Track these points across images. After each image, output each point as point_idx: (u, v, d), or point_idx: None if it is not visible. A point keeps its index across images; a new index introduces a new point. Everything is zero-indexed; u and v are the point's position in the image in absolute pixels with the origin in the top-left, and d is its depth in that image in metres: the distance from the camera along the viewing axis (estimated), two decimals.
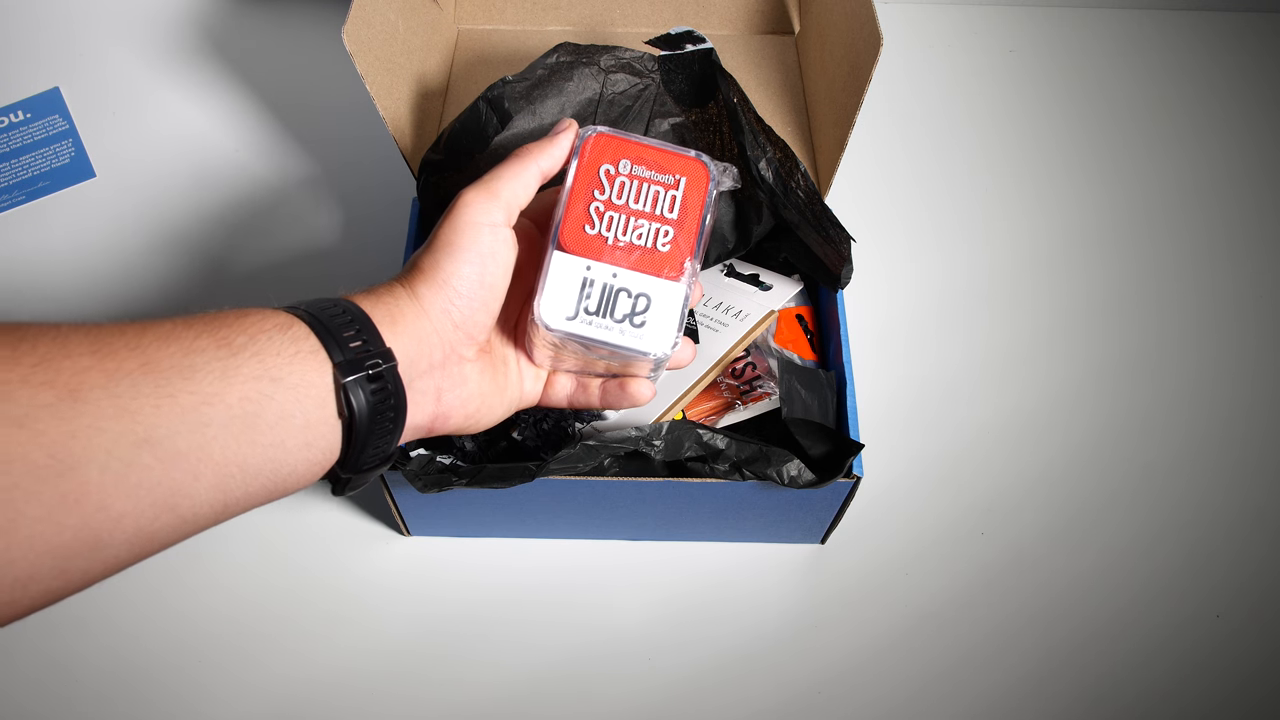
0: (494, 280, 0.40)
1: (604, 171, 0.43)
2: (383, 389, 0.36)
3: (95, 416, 0.29)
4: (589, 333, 0.42)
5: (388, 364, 0.36)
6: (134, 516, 0.30)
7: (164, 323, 0.32)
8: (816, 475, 0.50)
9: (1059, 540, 0.61)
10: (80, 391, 0.29)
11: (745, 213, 0.59)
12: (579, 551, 0.59)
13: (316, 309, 0.36)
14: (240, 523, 0.60)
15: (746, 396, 0.57)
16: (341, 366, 0.35)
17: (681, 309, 0.42)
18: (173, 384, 0.30)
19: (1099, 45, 0.85)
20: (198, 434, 0.31)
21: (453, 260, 0.39)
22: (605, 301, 0.42)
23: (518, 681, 0.55)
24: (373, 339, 0.36)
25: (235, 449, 0.32)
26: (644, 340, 0.42)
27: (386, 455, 0.38)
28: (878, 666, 0.56)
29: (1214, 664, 0.57)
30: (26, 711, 0.54)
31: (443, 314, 0.39)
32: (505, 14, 0.72)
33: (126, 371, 0.30)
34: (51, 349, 0.29)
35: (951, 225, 0.74)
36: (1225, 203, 0.76)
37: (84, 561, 0.30)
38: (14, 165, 0.74)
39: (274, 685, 0.55)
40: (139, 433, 0.29)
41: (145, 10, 0.84)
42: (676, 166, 0.43)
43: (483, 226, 0.40)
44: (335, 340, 0.35)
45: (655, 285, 0.42)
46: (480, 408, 0.43)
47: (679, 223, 0.43)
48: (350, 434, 0.35)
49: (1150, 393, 0.67)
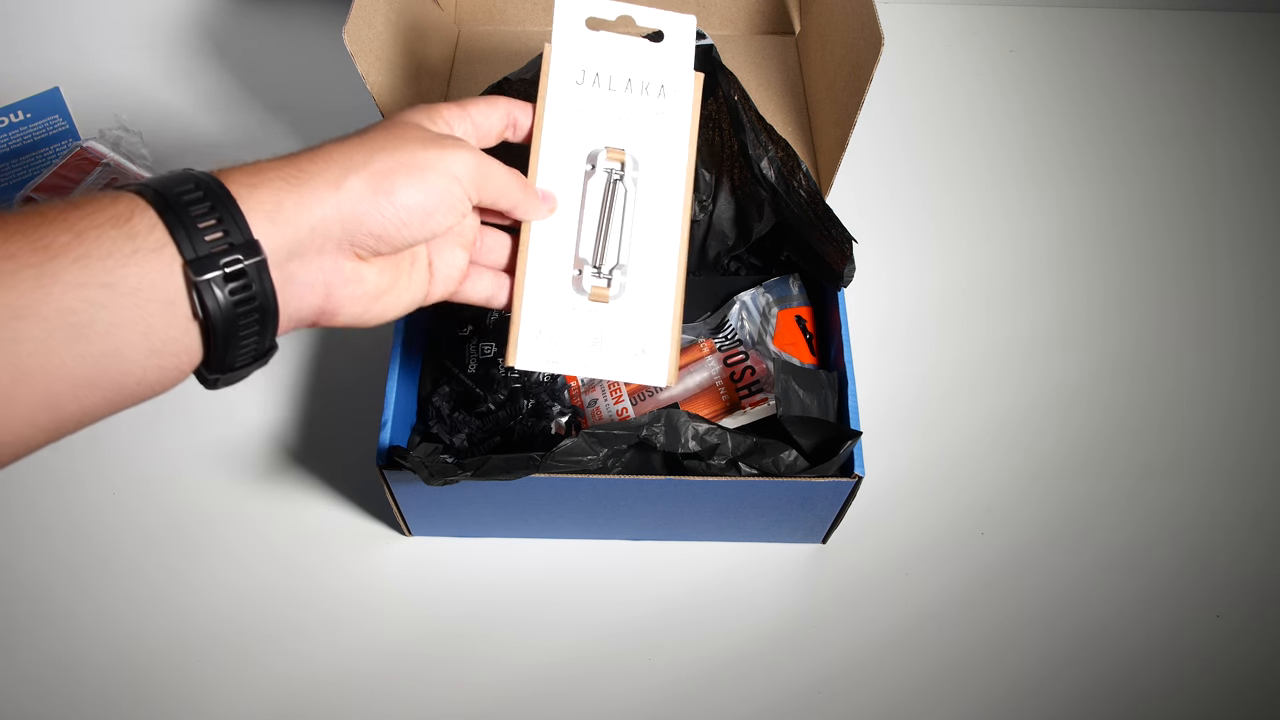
0: (434, 226, 0.38)
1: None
2: (245, 288, 0.31)
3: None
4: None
5: (251, 259, 0.31)
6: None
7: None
8: (813, 463, 0.51)
9: (1058, 540, 0.61)
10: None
11: (746, 211, 0.59)
12: (579, 551, 0.59)
13: (169, 189, 0.31)
14: (241, 522, 0.60)
15: (746, 400, 0.57)
16: (193, 264, 0.30)
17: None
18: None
19: (1099, 45, 0.85)
20: (5, 353, 0.27)
21: (410, 182, 0.36)
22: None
23: (518, 681, 0.55)
24: (235, 228, 0.31)
25: (59, 365, 0.28)
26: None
27: (261, 352, 0.34)
28: (878, 666, 0.56)
29: (1214, 664, 0.57)
30: (27, 711, 0.54)
31: (363, 215, 0.35)
32: (505, 14, 0.72)
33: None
34: None
35: (952, 225, 0.74)
36: (1225, 202, 0.76)
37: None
38: (14, 165, 0.74)
39: (275, 685, 0.55)
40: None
41: (145, 10, 0.84)
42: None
43: (457, 185, 0.38)
44: (187, 231, 0.30)
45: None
46: (373, 306, 0.39)
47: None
48: (209, 337, 0.32)
49: (1150, 392, 0.67)
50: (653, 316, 0.46)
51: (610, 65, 0.47)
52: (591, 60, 0.47)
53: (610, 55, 0.47)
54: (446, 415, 0.57)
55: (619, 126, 0.47)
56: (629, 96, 0.47)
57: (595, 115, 0.46)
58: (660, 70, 0.47)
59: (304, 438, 0.63)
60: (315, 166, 0.35)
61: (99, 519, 0.60)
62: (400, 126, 0.38)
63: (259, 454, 0.63)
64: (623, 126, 0.47)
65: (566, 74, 0.46)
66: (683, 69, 0.47)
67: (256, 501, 0.61)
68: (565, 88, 0.46)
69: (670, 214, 0.47)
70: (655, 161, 0.47)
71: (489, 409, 0.57)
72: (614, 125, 0.47)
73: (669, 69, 0.47)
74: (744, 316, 0.60)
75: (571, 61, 0.47)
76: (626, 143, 0.46)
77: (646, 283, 0.46)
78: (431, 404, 0.58)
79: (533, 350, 0.45)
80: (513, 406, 0.57)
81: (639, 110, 0.47)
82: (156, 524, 0.60)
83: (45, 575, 0.58)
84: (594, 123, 0.46)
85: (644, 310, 0.46)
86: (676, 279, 0.46)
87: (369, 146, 0.36)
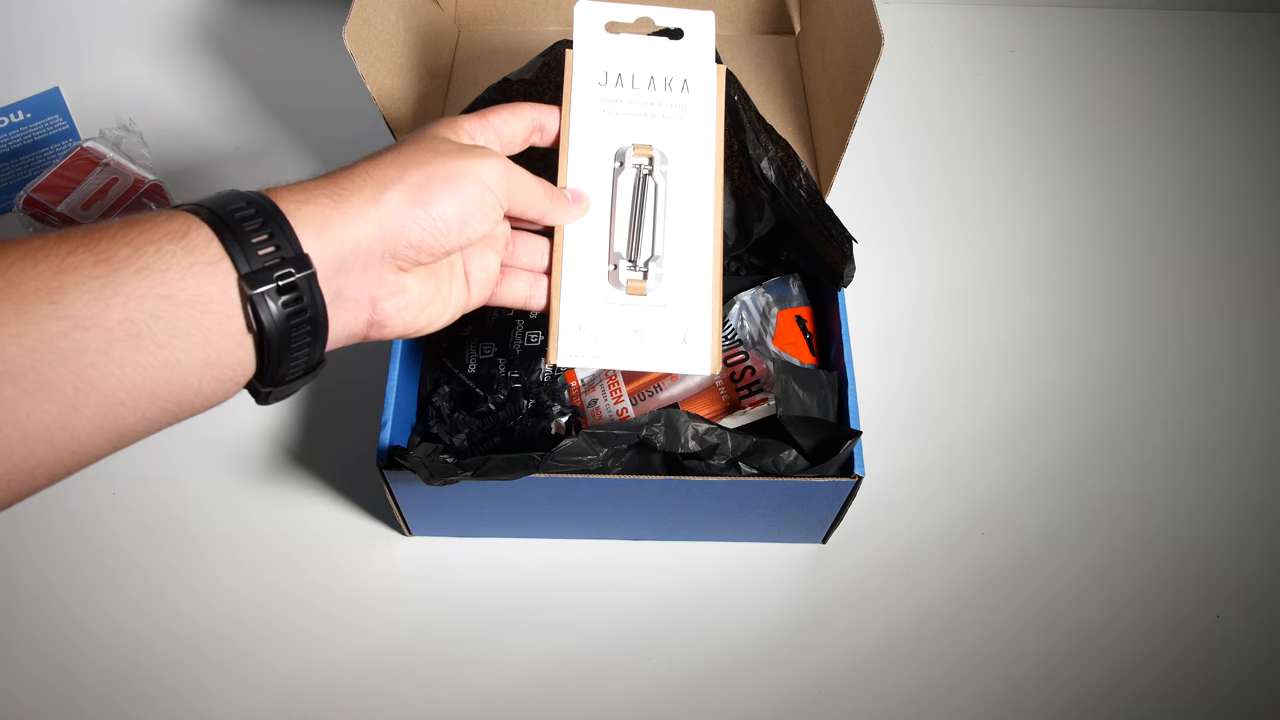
0: (470, 233, 0.39)
1: None
2: (297, 300, 0.33)
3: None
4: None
5: (302, 272, 0.33)
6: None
7: (35, 239, 0.29)
8: (813, 463, 0.51)
9: (1058, 540, 0.61)
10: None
11: (746, 211, 0.59)
12: (579, 551, 0.59)
13: (222, 207, 0.32)
14: (241, 522, 0.60)
15: (746, 400, 0.57)
16: (248, 278, 0.31)
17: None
18: (38, 309, 0.28)
19: (1099, 45, 0.86)
20: (70, 363, 0.28)
21: (446, 193, 0.38)
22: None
23: (518, 681, 0.55)
24: (287, 243, 0.33)
25: (121, 375, 0.29)
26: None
27: (312, 365, 0.36)
28: (877, 666, 0.56)
29: (1213, 663, 0.57)
30: (27, 710, 0.54)
31: (402, 228, 0.37)
32: (505, 14, 0.72)
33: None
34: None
35: (951, 225, 0.74)
36: (1225, 202, 0.76)
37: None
38: (14, 165, 0.74)
39: (275, 685, 0.55)
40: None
41: (145, 10, 0.84)
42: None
43: (489, 193, 0.39)
44: (241, 246, 0.32)
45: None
46: (420, 315, 0.40)
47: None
48: (263, 348, 0.33)
49: (1150, 392, 0.67)
50: (692, 306, 0.46)
51: (632, 65, 0.47)
52: (613, 61, 0.47)
53: (631, 55, 0.48)
54: (446, 415, 0.57)
55: (644, 124, 0.47)
56: (652, 94, 0.47)
57: (620, 114, 0.47)
58: (682, 66, 0.48)
59: (304, 438, 0.63)
60: (355, 184, 0.36)
61: (99, 518, 0.60)
62: (428, 140, 0.39)
63: (259, 454, 0.63)
64: (648, 123, 0.47)
65: (589, 76, 0.47)
66: (704, 63, 0.48)
67: (256, 501, 0.61)
68: (589, 89, 0.47)
69: (702, 205, 0.47)
70: (683, 155, 0.47)
71: (489, 409, 0.57)
72: (639, 123, 0.47)
73: (691, 64, 0.48)
74: (744, 316, 0.60)
75: (593, 64, 0.47)
76: (653, 138, 0.47)
77: (683, 273, 0.46)
78: (431, 404, 0.58)
79: (574, 346, 0.45)
80: (513, 406, 0.57)
81: (663, 106, 0.47)
82: (156, 524, 0.60)
83: (45, 575, 0.58)
84: (620, 121, 0.47)
85: (683, 300, 0.46)
86: (713, 268, 0.47)
87: (401, 161, 0.38)
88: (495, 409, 0.57)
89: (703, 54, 0.48)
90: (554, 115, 0.46)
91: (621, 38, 0.48)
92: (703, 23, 0.48)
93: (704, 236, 0.47)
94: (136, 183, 0.63)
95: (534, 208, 0.43)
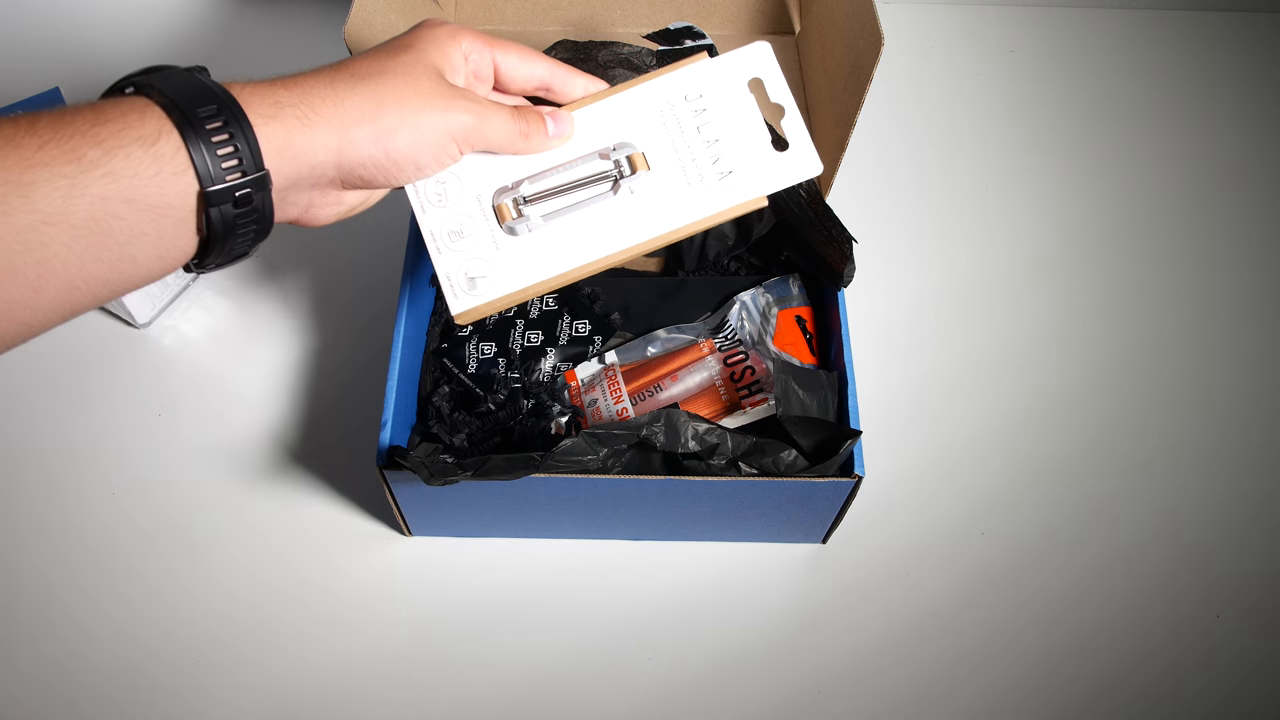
0: (422, 174, 0.41)
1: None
2: (250, 211, 0.34)
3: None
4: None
5: (260, 191, 0.34)
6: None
7: (5, 127, 0.30)
8: (813, 463, 0.51)
9: (1058, 539, 0.61)
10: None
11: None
12: (579, 551, 0.59)
13: (192, 107, 0.33)
14: (240, 523, 0.60)
15: (746, 400, 0.57)
16: (209, 194, 0.33)
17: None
18: (8, 200, 0.29)
19: (1099, 45, 0.86)
20: (35, 252, 0.30)
21: (411, 141, 0.38)
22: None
23: (518, 681, 0.55)
24: (249, 156, 0.34)
25: (79, 264, 0.31)
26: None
27: (238, 256, 0.37)
28: (877, 666, 0.56)
29: (1213, 663, 0.57)
30: (27, 711, 0.54)
31: (360, 162, 0.38)
32: (505, 14, 0.72)
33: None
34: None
35: (951, 225, 0.74)
36: (1225, 202, 0.76)
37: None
38: None
39: (274, 686, 0.55)
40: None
41: (145, 10, 0.84)
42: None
43: (451, 144, 0.40)
44: (205, 156, 0.33)
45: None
46: (347, 214, 0.42)
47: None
48: (209, 244, 0.35)
49: (1149, 391, 0.67)
50: (507, 273, 0.45)
51: (717, 121, 0.45)
52: (715, 100, 0.46)
53: (729, 115, 0.46)
54: (446, 415, 0.57)
55: (669, 155, 0.45)
56: (701, 148, 0.45)
57: (665, 129, 0.45)
58: (741, 164, 0.45)
59: (304, 438, 0.63)
60: (326, 109, 0.36)
61: (98, 519, 0.60)
62: (414, 75, 0.39)
63: (259, 454, 0.63)
64: (670, 158, 0.45)
65: (688, 85, 0.45)
66: (761, 180, 0.45)
67: (256, 502, 0.61)
68: (675, 89, 0.46)
69: (607, 241, 0.45)
70: (653, 207, 0.45)
71: (489, 409, 0.57)
72: (667, 151, 0.45)
73: (747, 172, 0.45)
74: (744, 316, 0.60)
75: (704, 84, 0.45)
76: (657, 168, 0.45)
77: (532, 251, 0.45)
78: (431, 404, 0.58)
79: (463, 302, 0.45)
80: (513, 406, 0.57)
81: (698, 164, 0.45)
82: (156, 524, 0.60)
83: (45, 576, 0.58)
84: (658, 133, 0.45)
85: (510, 261, 0.45)
86: (549, 280, 0.45)
87: (379, 97, 0.38)
88: (495, 409, 0.57)
89: (769, 177, 0.45)
90: (575, 80, 0.44)
91: (742, 95, 0.46)
92: (807, 161, 0.46)
93: (576, 255, 0.45)
94: None
95: (504, 148, 0.43)
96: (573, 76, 0.45)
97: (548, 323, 0.60)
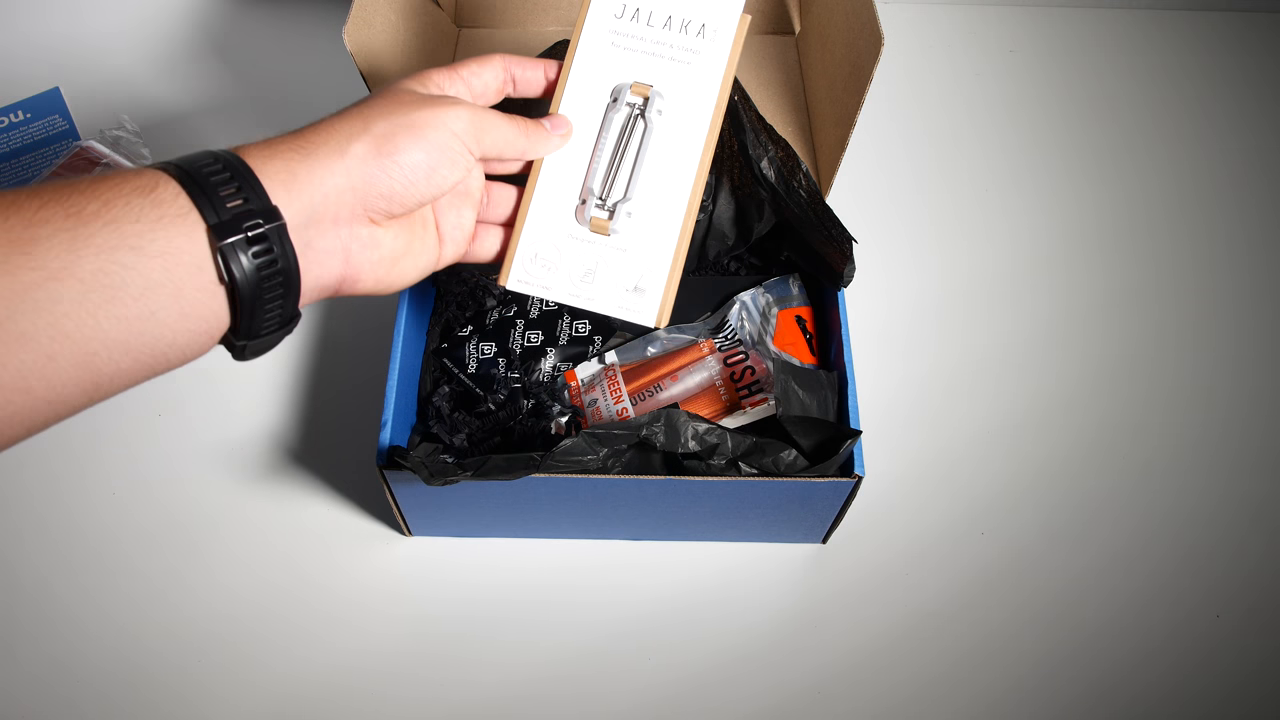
0: (440, 181, 0.39)
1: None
2: (267, 250, 0.33)
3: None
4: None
5: (271, 224, 0.33)
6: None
7: (6, 193, 0.30)
8: (813, 463, 0.51)
9: (1058, 539, 0.61)
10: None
11: (746, 210, 0.59)
12: (579, 551, 0.59)
13: (190, 164, 0.33)
14: (241, 523, 0.60)
15: (746, 400, 0.57)
16: (216, 229, 0.32)
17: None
18: (11, 260, 0.28)
19: (1099, 45, 0.86)
20: (45, 312, 0.29)
21: (411, 141, 0.38)
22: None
23: (518, 681, 0.55)
24: (255, 195, 0.33)
25: (95, 325, 0.30)
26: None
27: (287, 319, 0.36)
28: (877, 666, 0.56)
29: (1213, 663, 0.57)
30: (28, 711, 0.54)
31: (370, 178, 0.37)
32: (505, 14, 0.72)
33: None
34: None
35: (951, 225, 0.74)
36: (1225, 202, 0.76)
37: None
38: (14, 165, 0.74)
39: (275, 685, 0.55)
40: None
41: (145, 10, 0.84)
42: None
43: (456, 140, 0.39)
44: (209, 198, 0.32)
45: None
46: (393, 271, 0.40)
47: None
48: (236, 301, 0.33)
49: (1149, 391, 0.67)
50: (652, 256, 0.45)
51: (652, 2, 0.46)
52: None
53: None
54: (446, 415, 0.57)
55: (651, 63, 0.46)
56: (667, 33, 0.46)
57: (629, 50, 0.46)
58: (704, 9, 0.46)
59: (304, 438, 0.63)
60: (320, 137, 0.36)
61: (99, 519, 0.60)
62: (394, 93, 0.40)
63: (259, 454, 0.63)
64: (655, 63, 0.46)
65: (607, 6, 0.46)
66: (727, 12, 0.46)
67: (256, 501, 0.61)
68: (604, 19, 0.46)
69: (688, 155, 0.45)
70: (682, 101, 0.46)
71: (489, 409, 0.57)
72: (646, 61, 0.46)
73: (713, 11, 0.46)
74: (744, 316, 0.60)
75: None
76: (656, 79, 0.46)
77: (652, 221, 0.45)
78: (431, 404, 0.58)
79: (526, 273, 0.45)
80: (513, 406, 0.57)
81: (674, 49, 0.46)
82: (156, 524, 0.60)
83: (45, 575, 0.58)
84: (626, 57, 0.46)
85: (645, 248, 0.45)
86: (683, 222, 0.45)
87: (367, 115, 0.38)
88: (495, 409, 0.57)
89: (729, 4, 0.46)
90: (529, 66, 0.45)
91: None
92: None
93: (681, 187, 0.45)
94: None
95: (510, 147, 0.42)
96: (528, 63, 0.45)
97: (548, 322, 0.60)
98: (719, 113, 0.46)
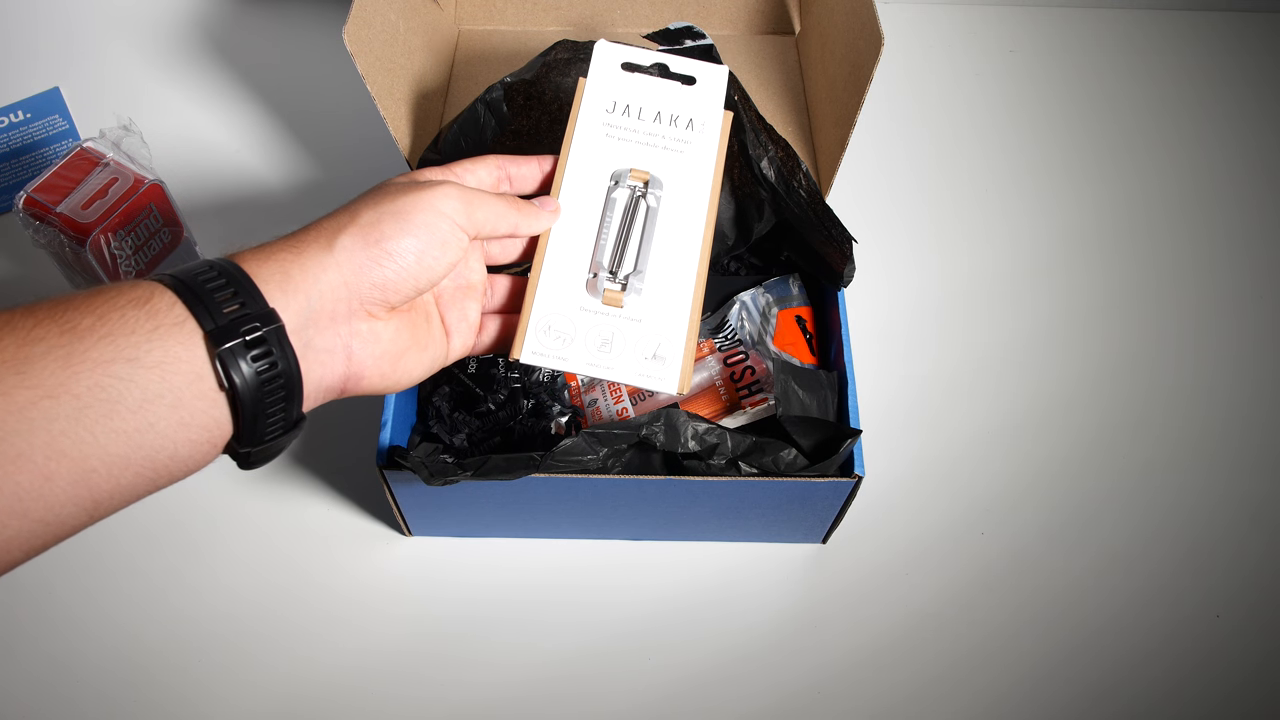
0: (432, 265, 0.39)
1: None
2: (266, 354, 0.33)
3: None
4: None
5: (269, 326, 0.33)
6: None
7: (2, 313, 0.30)
8: (813, 462, 0.51)
9: (1058, 540, 0.61)
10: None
11: (746, 211, 0.59)
12: (579, 551, 0.59)
13: (186, 273, 0.33)
14: (241, 522, 0.60)
15: (746, 400, 0.57)
16: (214, 335, 0.32)
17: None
18: (4, 380, 0.28)
19: (1099, 45, 0.86)
20: (41, 431, 0.28)
21: (399, 227, 0.37)
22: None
23: (518, 681, 0.55)
24: (251, 299, 0.33)
25: (93, 441, 0.29)
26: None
27: (291, 423, 0.35)
28: (877, 666, 0.56)
29: (1213, 663, 0.57)
30: (28, 711, 0.54)
31: (360, 269, 0.36)
32: (505, 14, 0.72)
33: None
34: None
35: (952, 225, 0.74)
36: (1225, 203, 0.76)
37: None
38: (14, 165, 0.74)
39: (275, 685, 0.55)
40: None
41: (145, 10, 0.84)
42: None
43: (445, 220, 0.39)
44: (206, 306, 0.32)
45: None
46: (397, 367, 0.40)
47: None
48: (237, 407, 0.33)
49: (1149, 392, 0.67)
50: (668, 324, 0.46)
51: (641, 99, 0.49)
52: (624, 94, 0.49)
53: (642, 92, 0.49)
54: (446, 415, 0.57)
55: (645, 152, 0.48)
56: (657, 126, 0.49)
57: (623, 140, 0.48)
58: (690, 107, 0.49)
59: (304, 438, 0.63)
60: (310, 235, 0.37)
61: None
62: (383, 185, 0.40)
63: None
64: (649, 152, 0.48)
65: (598, 103, 0.48)
66: (713, 108, 0.49)
67: (257, 501, 0.61)
68: (596, 113, 0.48)
69: (691, 232, 0.47)
70: (679, 185, 0.48)
71: (489, 409, 0.57)
72: (641, 150, 0.48)
73: (700, 107, 0.49)
74: (744, 316, 0.60)
75: (605, 93, 0.49)
76: (651, 166, 0.48)
77: (663, 292, 0.46)
78: (431, 404, 0.58)
79: (540, 344, 0.45)
80: (513, 406, 0.57)
81: (666, 139, 0.48)
82: (156, 524, 0.60)
83: (45, 575, 0.58)
84: (621, 147, 0.48)
85: (660, 317, 0.46)
86: (695, 292, 0.46)
87: (354, 207, 0.38)
88: (495, 409, 0.57)
89: (712, 101, 0.49)
90: (523, 163, 0.46)
91: (636, 76, 0.49)
92: (716, 75, 0.49)
93: (688, 261, 0.46)
94: (136, 183, 0.63)
95: (502, 222, 0.42)
96: (521, 161, 0.46)
97: None
98: (715, 195, 0.48)
